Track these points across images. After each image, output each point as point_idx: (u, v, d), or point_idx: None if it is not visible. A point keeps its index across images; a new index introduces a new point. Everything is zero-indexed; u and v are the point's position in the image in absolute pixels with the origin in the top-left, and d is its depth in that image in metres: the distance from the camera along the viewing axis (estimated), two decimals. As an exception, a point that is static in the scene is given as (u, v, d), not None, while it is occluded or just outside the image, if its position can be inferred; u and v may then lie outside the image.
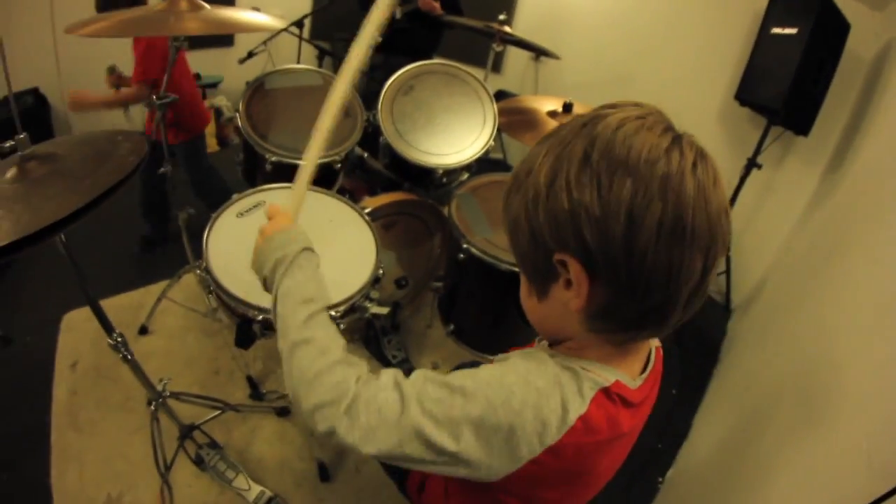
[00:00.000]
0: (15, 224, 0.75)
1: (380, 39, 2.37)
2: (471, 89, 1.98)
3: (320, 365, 0.61)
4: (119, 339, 1.23)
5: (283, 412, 1.90)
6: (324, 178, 1.53)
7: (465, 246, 1.63)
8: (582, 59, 3.70)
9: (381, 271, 1.28)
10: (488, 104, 1.95)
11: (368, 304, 1.23)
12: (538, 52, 2.51)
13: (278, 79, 1.70)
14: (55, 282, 2.67)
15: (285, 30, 2.73)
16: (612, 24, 3.68)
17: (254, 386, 1.97)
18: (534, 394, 0.53)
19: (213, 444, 1.68)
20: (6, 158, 0.91)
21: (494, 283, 1.69)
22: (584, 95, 1.99)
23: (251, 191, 1.36)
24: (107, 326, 1.20)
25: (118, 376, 2.04)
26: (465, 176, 1.98)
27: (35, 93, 3.82)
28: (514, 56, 4.54)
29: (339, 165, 1.65)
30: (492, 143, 1.90)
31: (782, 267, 2.39)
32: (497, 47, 2.51)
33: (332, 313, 1.13)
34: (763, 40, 2.43)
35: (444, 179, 1.91)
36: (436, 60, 1.95)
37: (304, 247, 0.75)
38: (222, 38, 4.97)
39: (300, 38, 2.77)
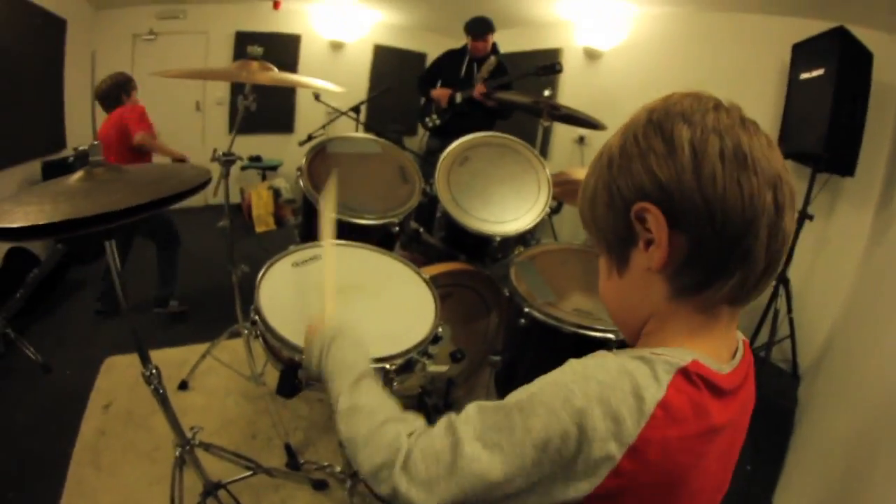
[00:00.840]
0: (73, 207, 0.83)
1: (438, 123, 2.54)
2: (524, 159, 2.01)
3: (369, 427, 0.62)
4: (153, 372, 1.21)
5: (320, 485, 1.78)
6: (382, 242, 1.53)
7: (526, 310, 1.56)
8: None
9: (440, 329, 1.22)
10: (542, 172, 1.98)
11: (426, 361, 1.16)
12: (584, 124, 2.55)
13: (339, 144, 1.77)
14: (104, 325, 2.84)
15: (344, 114, 2.94)
16: (647, 96, 3.78)
17: (291, 455, 1.88)
18: (596, 387, 0.49)
19: (239, 509, 1.55)
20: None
21: (558, 349, 1.59)
22: None
23: (309, 244, 1.38)
24: (144, 357, 1.19)
25: (150, 426, 2.02)
26: (521, 249, 1.96)
27: None
28: (560, 140, 4.73)
29: (396, 229, 1.66)
30: (548, 209, 1.90)
31: (850, 318, 2.23)
32: (545, 122, 2.57)
33: (387, 366, 1.08)
34: (794, 88, 2.44)
35: (500, 255, 1.92)
36: (488, 133, 2.00)
37: (333, 335, 0.81)
38: (283, 125, 5.51)
39: (357, 121, 2.95)
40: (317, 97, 3.02)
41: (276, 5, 4.68)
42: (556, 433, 0.47)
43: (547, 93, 2.54)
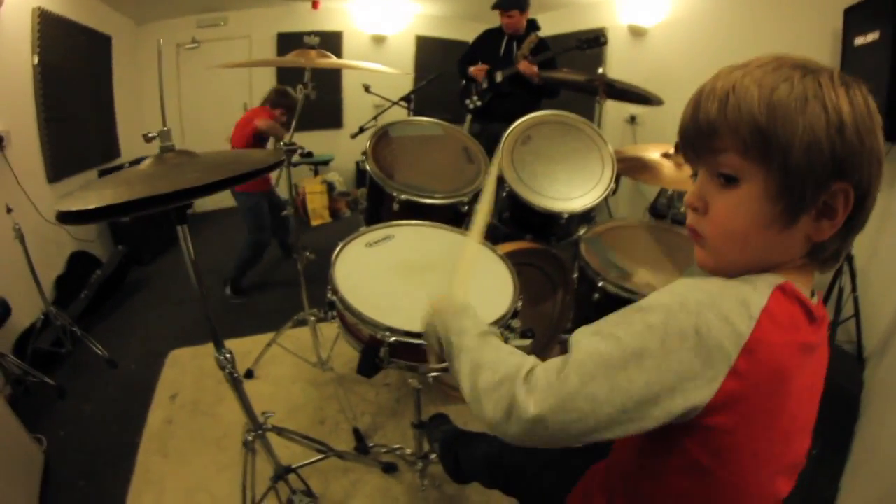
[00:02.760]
0: (149, 187, 0.85)
1: (479, 104, 2.47)
2: (585, 136, 1.95)
3: (498, 354, 0.62)
4: (227, 356, 1.21)
5: (390, 468, 1.77)
6: (451, 222, 1.51)
7: (600, 284, 1.53)
8: (674, 112, 3.67)
9: (520, 303, 1.19)
10: (605, 148, 1.92)
11: (510, 335, 1.13)
12: (642, 100, 2.45)
13: (402, 128, 1.78)
14: (168, 320, 2.96)
15: (395, 103, 2.94)
16: (695, 72, 3.64)
17: (360, 439, 1.89)
18: (706, 295, 0.51)
19: (309, 493, 1.56)
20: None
21: None
22: None
23: (380, 225, 1.38)
24: (217, 342, 1.20)
25: (217, 413, 2.06)
26: (584, 229, 1.92)
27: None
28: (610, 120, 4.60)
29: (465, 208, 1.65)
30: (613, 184, 1.84)
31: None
32: (601, 100, 2.49)
33: None
34: (848, 55, 2.30)
35: (564, 234, 1.90)
36: (549, 111, 1.95)
37: (463, 303, 0.79)
38: (333, 120, 5.62)
39: (409, 111, 2.94)
40: (367, 89, 3.04)
41: (315, 5, 4.74)
42: (674, 331, 0.49)
43: (601, 70, 2.45)
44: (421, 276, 1.18)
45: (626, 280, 1.55)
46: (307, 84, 1.73)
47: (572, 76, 2.59)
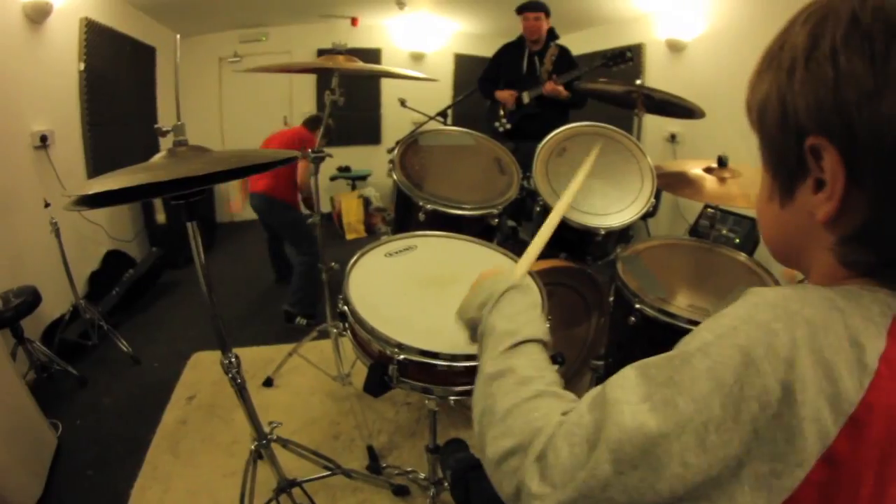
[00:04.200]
0: (150, 175, 0.86)
1: (508, 126, 2.42)
2: (623, 148, 1.86)
3: (516, 398, 0.50)
4: (232, 361, 1.19)
5: (401, 491, 1.69)
6: (481, 234, 1.44)
7: (637, 307, 1.42)
8: (717, 128, 3.53)
9: (547, 323, 1.10)
10: (643, 161, 1.83)
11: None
12: (682, 112, 2.34)
13: (432, 137, 1.72)
14: (194, 323, 2.97)
15: (433, 118, 2.91)
16: (737, 85, 3.51)
17: (374, 458, 1.82)
18: (804, 327, 0.36)
19: (313, 509, 1.49)
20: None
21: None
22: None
23: (403, 234, 1.31)
24: (224, 346, 1.18)
25: (231, 419, 2.06)
26: (622, 248, 1.81)
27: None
28: (650, 139, 4.47)
29: (496, 220, 1.57)
30: (653, 200, 1.73)
31: None
32: (639, 113, 2.38)
33: None
34: None
35: (601, 253, 1.81)
36: (586, 122, 1.87)
37: (513, 285, 0.68)
38: (371, 136, 5.70)
39: (446, 126, 2.91)
40: (403, 103, 3.02)
41: (354, 22, 4.82)
42: (753, 392, 0.35)
43: (639, 81, 2.35)
44: (441, 291, 1.10)
45: (665, 303, 1.44)
46: (334, 90, 1.70)
47: (609, 87, 2.49)
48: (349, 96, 2.74)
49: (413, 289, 1.11)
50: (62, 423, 1.99)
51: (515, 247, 1.94)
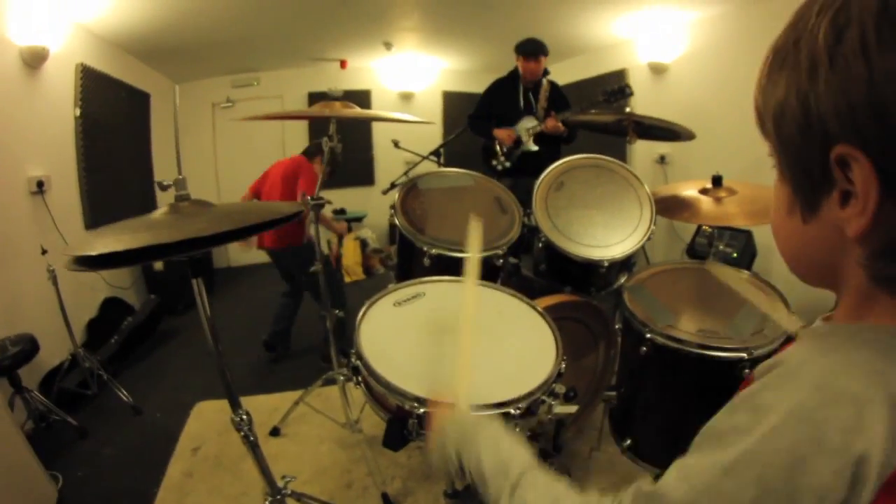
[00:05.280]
0: (153, 235, 0.84)
1: (507, 165, 2.45)
2: (620, 177, 1.89)
3: None
4: (244, 417, 1.17)
5: None
6: (485, 276, 1.45)
7: (648, 336, 1.42)
8: (705, 147, 3.60)
9: (563, 365, 1.09)
10: (641, 189, 1.86)
11: (553, 402, 1.03)
12: (674, 136, 2.38)
13: (430, 180, 1.74)
14: (195, 371, 2.92)
15: (426, 158, 2.95)
16: (721, 102, 3.64)
17: None
18: (850, 406, 0.34)
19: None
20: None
21: (684, 375, 1.44)
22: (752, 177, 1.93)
23: (410, 281, 1.31)
24: (234, 402, 1.16)
25: (238, 470, 2.00)
26: (624, 277, 1.83)
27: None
28: (639, 161, 4.54)
29: (500, 261, 1.57)
30: (653, 227, 1.76)
31: None
32: (631, 141, 2.42)
33: (511, 411, 0.97)
34: None
35: (605, 284, 1.82)
36: (581, 155, 1.90)
37: (474, 426, 0.68)
38: (365, 177, 5.77)
39: (439, 164, 2.95)
40: (396, 144, 3.07)
41: (343, 65, 4.94)
42: (809, 493, 0.34)
43: (629, 109, 2.40)
44: (455, 339, 1.10)
45: (674, 329, 1.43)
46: (333, 136, 1.72)
47: (600, 118, 2.54)
48: (342, 139, 2.77)
49: (427, 338, 1.11)
50: (62, 476, 1.94)
51: (519, 283, 1.95)
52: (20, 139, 2.69)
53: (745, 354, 1.30)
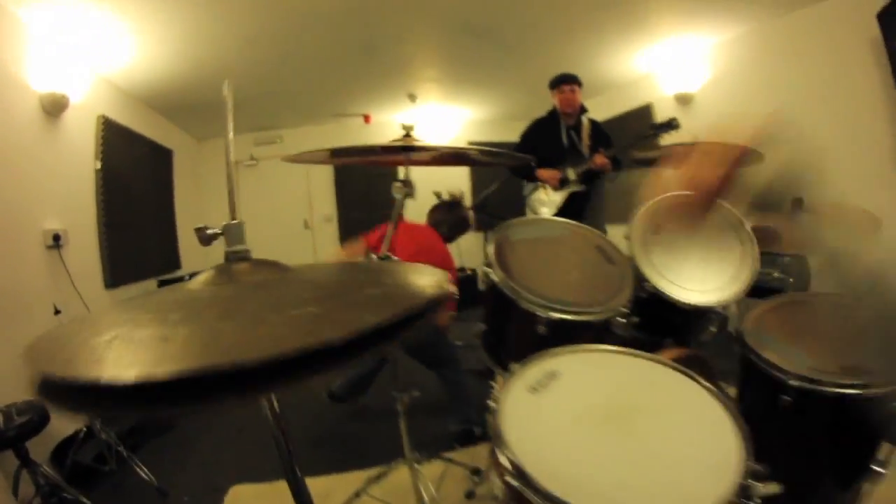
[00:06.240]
0: (186, 354, 0.39)
1: (560, 205, 2.26)
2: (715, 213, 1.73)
3: None
4: None
5: None
6: (600, 340, 1.25)
7: (794, 385, 1.21)
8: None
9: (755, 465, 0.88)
10: (733, 217, 1.67)
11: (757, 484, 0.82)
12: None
13: (522, 230, 1.53)
14: (228, 448, 2.62)
15: (472, 209, 2.83)
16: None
17: None
18: None
19: None
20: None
21: (827, 421, 1.27)
22: None
23: (534, 358, 1.10)
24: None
25: None
26: (713, 325, 1.66)
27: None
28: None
29: (624, 320, 1.34)
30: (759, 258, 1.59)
31: None
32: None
33: None
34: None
35: (697, 329, 1.64)
36: (672, 192, 1.75)
37: None
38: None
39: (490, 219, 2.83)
40: (438, 196, 2.96)
41: (366, 119, 4.93)
42: None
43: (696, 137, 2.27)
44: (628, 427, 0.89)
45: (822, 373, 1.22)
46: (407, 183, 1.49)
47: (655, 152, 2.43)
48: (366, 191, 2.59)
49: (591, 432, 0.89)
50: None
51: (612, 341, 1.75)
52: (36, 188, 2.56)
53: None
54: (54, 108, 2.71)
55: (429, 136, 5.64)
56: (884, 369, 1.17)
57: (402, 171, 1.57)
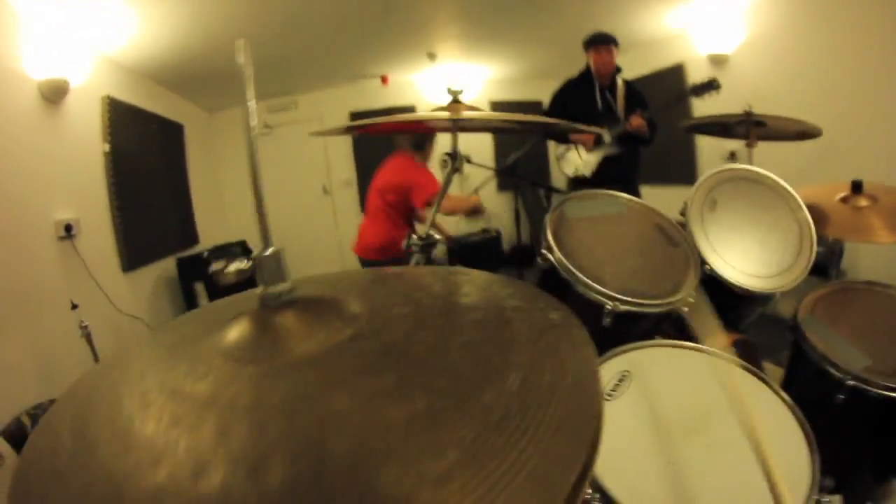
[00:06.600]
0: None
1: (588, 175, 2.15)
2: (773, 193, 1.63)
3: None
4: None
5: None
6: (666, 332, 1.21)
7: (850, 384, 1.18)
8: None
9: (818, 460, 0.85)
10: (794, 203, 1.58)
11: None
12: (799, 135, 2.13)
13: (578, 206, 1.41)
14: None
15: (501, 173, 2.74)
16: (786, 89, 3.43)
17: None
18: None
19: None
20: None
21: (876, 421, 1.24)
22: (809, 179, 1.80)
23: (604, 358, 1.04)
24: None
25: None
26: (763, 305, 1.61)
27: (243, 245, 4.48)
28: (707, 158, 4.30)
29: (686, 309, 1.25)
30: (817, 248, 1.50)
31: None
32: (751, 144, 2.17)
33: None
34: None
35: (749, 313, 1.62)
36: (730, 166, 1.65)
37: None
38: None
39: (519, 182, 2.74)
40: (468, 160, 2.85)
41: (384, 80, 4.76)
42: None
43: (748, 107, 2.14)
44: (702, 436, 0.84)
45: (875, 372, 1.19)
46: (458, 155, 1.32)
47: (714, 119, 2.30)
48: (387, 153, 2.47)
49: (658, 445, 0.83)
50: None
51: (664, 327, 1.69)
52: (43, 180, 2.50)
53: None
54: (55, 94, 2.61)
55: (447, 96, 5.44)
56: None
57: (452, 141, 1.44)
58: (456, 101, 1.27)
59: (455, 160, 1.31)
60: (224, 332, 0.47)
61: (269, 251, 0.50)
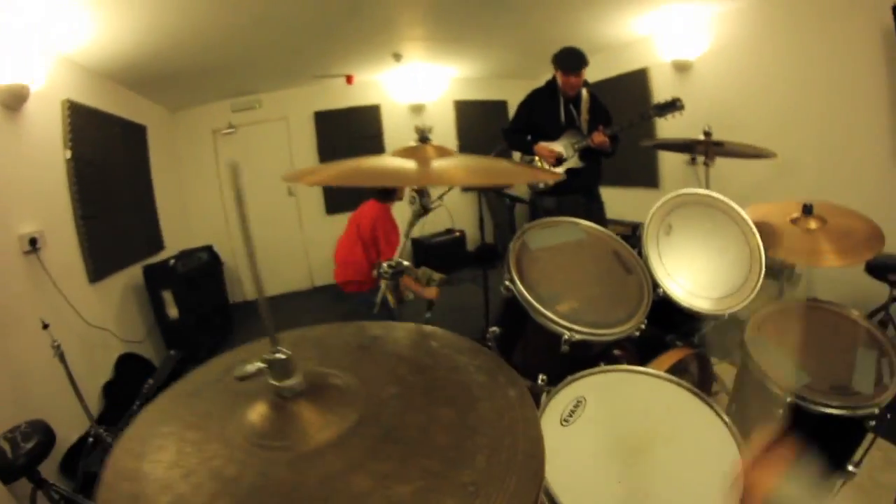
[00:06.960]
0: None
1: (551, 184, 2.16)
2: (717, 212, 1.70)
3: None
4: None
5: None
6: (604, 353, 1.25)
7: (789, 401, 1.25)
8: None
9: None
10: (738, 217, 1.65)
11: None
12: (753, 157, 2.21)
13: (539, 235, 1.44)
14: None
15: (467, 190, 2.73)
16: (748, 99, 3.56)
17: None
18: None
19: None
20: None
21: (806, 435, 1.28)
22: (763, 195, 1.91)
23: (561, 385, 1.08)
24: None
25: None
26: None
27: (210, 250, 4.32)
28: (668, 163, 4.40)
29: (637, 333, 1.30)
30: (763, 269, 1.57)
31: None
32: (707, 163, 2.24)
33: None
34: None
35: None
36: (686, 190, 1.70)
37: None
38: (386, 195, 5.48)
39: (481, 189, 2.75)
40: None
41: (349, 80, 4.69)
42: None
43: (706, 128, 2.20)
44: (647, 457, 0.90)
45: (811, 391, 1.27)
46: (425, 193, 1.22)
47: (671, 139, 2.37)
48: (352, 153, 2.48)
49: (609, 465, 0.91)
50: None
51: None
52: (6, 193, 2.36)
53: (876, 410, 1.22)
54: (14, 100, 2.45)
55: (413, 95, 5.42)
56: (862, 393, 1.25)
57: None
58: (424, 141, 1.10)
59: (422, 197, 1.22)
60: (245, 415, 0.54)
61: (279, 355, 0.57)
